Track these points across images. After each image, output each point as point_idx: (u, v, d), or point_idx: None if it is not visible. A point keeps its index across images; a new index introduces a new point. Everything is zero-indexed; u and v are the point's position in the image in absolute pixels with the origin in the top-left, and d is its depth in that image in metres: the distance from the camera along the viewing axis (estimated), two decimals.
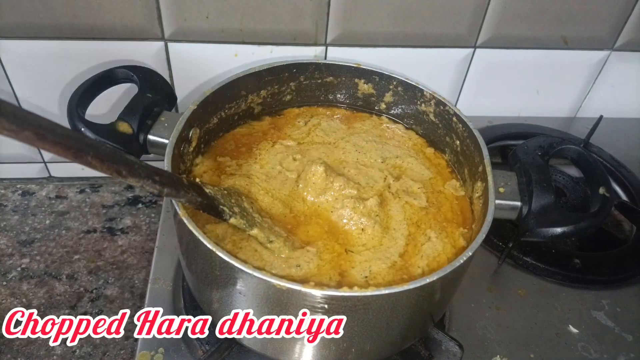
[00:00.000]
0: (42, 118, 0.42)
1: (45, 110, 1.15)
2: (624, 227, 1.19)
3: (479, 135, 0.86)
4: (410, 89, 0.97)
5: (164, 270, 0.99)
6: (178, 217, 0.69)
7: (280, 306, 0.67)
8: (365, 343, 0.74)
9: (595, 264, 1.06)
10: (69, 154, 0.45)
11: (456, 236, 0.84)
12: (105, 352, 0.99)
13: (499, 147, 1.29)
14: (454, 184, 0.92)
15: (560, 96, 1.42)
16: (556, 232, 0.78)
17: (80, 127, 0.76)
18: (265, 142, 0.95)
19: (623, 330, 0.97)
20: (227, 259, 0.63)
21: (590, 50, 1.31)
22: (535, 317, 0.98)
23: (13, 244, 1.15)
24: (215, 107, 0.90)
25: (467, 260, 0.68)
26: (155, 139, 0.80)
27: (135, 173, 0.54)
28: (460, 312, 0.97)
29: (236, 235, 0.77)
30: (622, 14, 1.24)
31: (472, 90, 1.34)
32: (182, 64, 1.15)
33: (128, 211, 1.24)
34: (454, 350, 0.86)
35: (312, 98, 1.04)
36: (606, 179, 0.85)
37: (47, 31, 1.04)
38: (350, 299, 0.63)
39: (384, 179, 0.90)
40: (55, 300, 1.06)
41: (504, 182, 0.83)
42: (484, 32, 1.21)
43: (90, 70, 1.08)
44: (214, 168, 0.89)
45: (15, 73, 1.09)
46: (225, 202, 0.74)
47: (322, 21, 1.13)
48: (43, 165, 1.27)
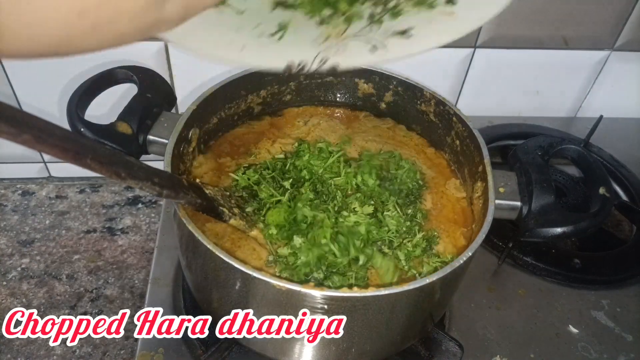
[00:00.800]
0: (41, 120, 0.42)
1: (44, 110, 1.15)
2: (624, 227, 1.19)
3: (479, 135, 0.86)
4: (410, 88, 0.97)
5: (164, 270, 0.99)
6: (178, 217, 0.69)
7: (280, 306, 0.67)
8: (365, 343, 0.74)
9: (595, 264, 1.06)
10: (67, 157, 0.45)
11: (457, 236, 0.84)
12: (105, 352, 0.99)
13: (499, 147, 1.29)
14: (454, 183, 0.93)
15: (560, 96, 1.42)
16: (556, 232, 0.78)
17: (80, 128, 0.76)
18: (265, 142, 0.95)
19: (623, 330, 0.97)
20: (226, 260, 0.63)
21: (590, 50, 1.31)
22: (535, 317, 0.98)
23: (13, 244, 1.15)
24: (214, 107, 0.90)
25: (467, 260, 0.68)
26: (155, 139, 0.80)
27: (134, 175, 0.54)
28: (460, 312, 0.97)
29: (235, 234, 0.77)
30: (622, 14, 1.24)
31: (472, 90, 1.34)
32: (182, 64, 1.14)
33: (128, 211, 1.24)
34: (454, 350, 0.86)
35: (312, 98, 1.04)
36: (606, 179, 0.85)
37: None
38: (350, 299, 0.63)
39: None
40: (55, 300, 1.06)
41: (504, 182, 0.82)
42: (484, 32, 1.21)
43: (90, 70, 1.07)
44: (214, 168, 0.89)
45: (15, 73, 1.09)
46: (225, 202, 0.74)
47: None
48: (43, 165, 1.27)
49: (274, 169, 0.87)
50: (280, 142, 0.95)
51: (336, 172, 0.86)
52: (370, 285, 0.74)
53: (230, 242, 0.76)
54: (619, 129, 1.42)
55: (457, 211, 0.88)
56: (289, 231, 0.77)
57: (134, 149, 0.80)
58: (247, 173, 0.84)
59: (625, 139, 1.40)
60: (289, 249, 0.75)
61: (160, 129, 0.81)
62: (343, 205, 0.81)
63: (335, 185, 0.84)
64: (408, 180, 0.88)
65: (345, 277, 0.74)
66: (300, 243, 0.75)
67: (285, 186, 0.83)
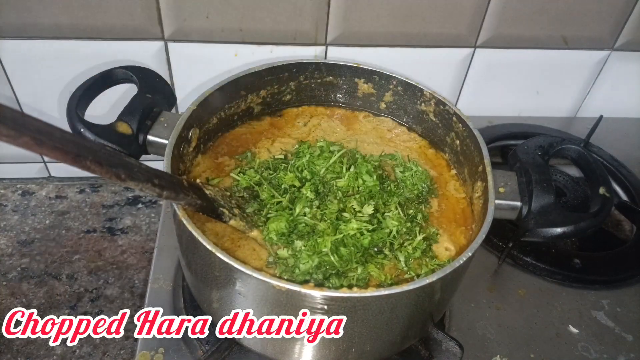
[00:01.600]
0: (41, 122, 0.42)
1: (44, 111, 1.15)
2: (624, 227, 1.19)
3: (479, 135, 0.86)
4: (410, 88, 0.97)
5: (164, 270, 0.99)
6: (178, 218, 0.69)
7: (280, 306, 0.67)
8: (365, 343, 0.74)
9: (595, 264, 1.06)
10: (67, 159, 0.45)
11: (457, 236, 0.84)
12: (105, 352, 0.99)
13: (499, 147, 1.29)
14: (454, 184, 0.93)
15: (560, 96, 1.42)
16: (556, 232, 0.78)
17: (80, 128, 0.76)
18: (265, 141, 0.95)
19: (623, 330, 0.97)
20: (226, 260, 0.63)
21: (590, 50, 1.31)
22: (535, 317, 0.98)
23: (13, 244, 1.15)
24: (214, 107, 0.90)
25: (467, 260, 0.68)
26: (154, 140, 0.80)
27: (134, 177, 0.54)
28: (460, 312, 0.97)
29: (235, 234, 0.77)
30: (622, 14, 1.24)
31: (472, 90, 1.34)
32: (182, 64, 1.15)
33: (128, 211, 1.24)
34: (454, 350, 0.86)
35: (312, 98, 1.04)
36: (606, 179, 0.85)
37: (47, 31, 1.04)
38: (350, 299, 0.63)
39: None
40: (55, 300, 1.06)
41: (504, 182, 0.82)
42: (484, 32, 1.21)
43: (90, 70, 1.08)
44: (214, 168, 0.89)
45: (15, 73, 1.09)
46: (225, 203, 0.74)
47: (322, 21, 1.12)
48: (43, 165, 1.27)
49: (275, 169, 0.87)
50: (280, 141, 0.95)
51: (338, 173, 0.86)
52: (370, 286, 0.74)
53: (230, 242, 0.76)
54: (619, 129, 1.42)
55: (457, 211, 0.89)
56: (289, 237, 0.77)
57: (134, 149, 0.79)
58: (247, 173, 0.84)
59: (625, 139, 1.40)
60: (289, 251, 0.75)
61: (160, 129, 0.81)
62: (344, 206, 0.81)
63: (337, 187, 0.84)
64: (419, 183, 0.88)
65: (346, 278, 0.74)
66: (300, 246, 0.75)
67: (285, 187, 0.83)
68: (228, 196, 0.76)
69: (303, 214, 0.79)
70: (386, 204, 0.83)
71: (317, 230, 0.77)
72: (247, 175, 0.84)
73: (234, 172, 0.86)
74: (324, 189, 0.84)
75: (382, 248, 0.79)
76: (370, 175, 0.85)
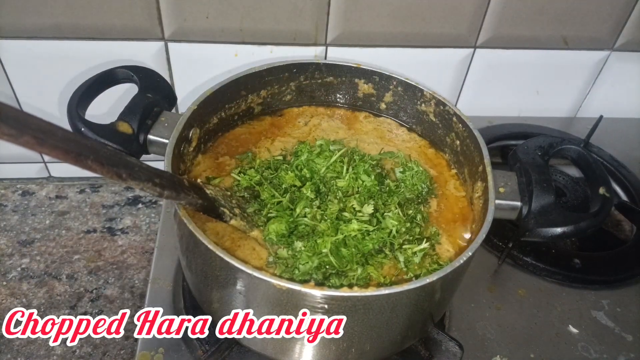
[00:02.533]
0: (42, 121, 0.42)
1: (44, 110, 1.15)
2: (624, 227, 1.19)
3: (479, 135, 0.86)
4: (410, 89, 0.97)
5: (164, 270, 0.99)
6: (178, 217, 0.69)
7: (280, 306, 0.67)
8: (365, 343, 0.74)
9: (595, 264, 1.06)
10: (69, 158, 0.45)
11: (457, 236, 0.84)
12: (105, 352, 0.99)
13: (499, 147, 1.29)
14: (454, 183, 0.93)
15: (560, 96, 1.42)
16: (556, 232, 0.78)
17: (80, 128, 0.76)
18: (265, 141, 0.95)
19: (623, 330, 0.97)
20: (226, 259, 0.63)
21: (590, 50, 1.31)
22: (535, 317, 0.98)
23: (13, 244, 1.15)
24: (215, 107, 0.90)
25: (467, 260, 0.68)
26: (155, 139, 0.80)
27: (135, 176, 0.54)
28: (460, 312, 0.97)
29: (235, 233, 0.77)
30: (622, 14, 1.24)
31: (472, 90, 1.34)
32: (182, 64, 1.15)
33: (128, 211, 1.24)
34: (454, 350, 0.86)
35: (312, 98, 1.04)
36: (606, 179, 0.85)
37: (47, 31, 1.04)
38: (350, 299, 0.63)
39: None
40: (55, 300, 1.06)
41: (504, 182, 0.82)
42: (484, 32, 1.21)
43: (90, 70, 1.08)
44: (214, 168, 0.89)
45: (15, 73, 1.09)
46: (226, 203, 0.74)
47: (322, 21, 1.12)
48: (43, 165, 1.27)
49: (275, 168, 0.87)
50: (280, 140, 0.96)
51: (338, 172, 0.86)
52: (371, 285, 0.74)
53: (230, 241, 0.76)
54: (619, 129, 1.42)
55: (457, 211, 0.89)
56: (289, 238, 0.77)
57: (135, 148, 0.80)
58: (248, 173, 0.84)
59: (625, 139, 1.40)
60: (289, 252, 0.75)
61: (160, 128, 0.81)
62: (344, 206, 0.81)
63: (337, 187, 0.84)
64: (419, 183, 0.88)
65: (346, 278, 0.74)
66: (300, 247, 0.75)
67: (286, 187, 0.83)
68: (229, 196, 0.76)
69: (303, 215, 0.79)
70: (386, 203, 0.83)
71: (317, 231, 0.77)
72: (248, 175, 0.84)
73: (235, 172, 0.86)
74: (325, 189, 0.84)
75: (382, 248, 0.79)
76: (368, 175, 0.85)
